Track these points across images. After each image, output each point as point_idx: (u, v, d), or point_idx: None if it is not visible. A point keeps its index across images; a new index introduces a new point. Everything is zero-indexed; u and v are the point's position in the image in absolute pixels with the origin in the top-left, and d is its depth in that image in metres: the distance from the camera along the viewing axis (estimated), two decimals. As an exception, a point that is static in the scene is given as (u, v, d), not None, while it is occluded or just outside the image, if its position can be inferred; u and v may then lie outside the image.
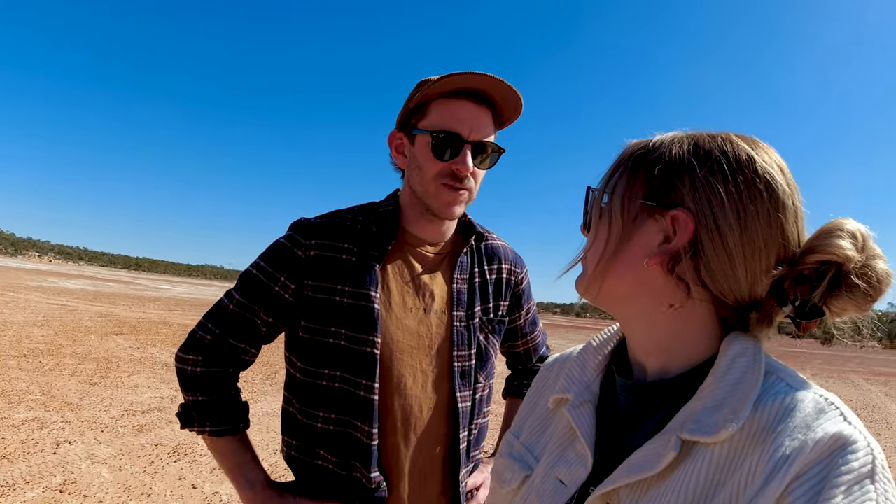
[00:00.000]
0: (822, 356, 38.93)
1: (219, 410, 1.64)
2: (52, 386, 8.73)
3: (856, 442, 0.68)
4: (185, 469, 5.82)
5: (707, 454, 0.75)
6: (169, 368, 11.29)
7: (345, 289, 1.57)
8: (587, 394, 0.96)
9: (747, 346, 0.82)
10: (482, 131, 1.59)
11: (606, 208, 0.90)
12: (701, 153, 0.83)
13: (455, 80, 1.54)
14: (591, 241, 0.92)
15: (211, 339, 1.65)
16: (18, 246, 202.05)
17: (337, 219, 1.65)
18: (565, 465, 0.91)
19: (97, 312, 21.13)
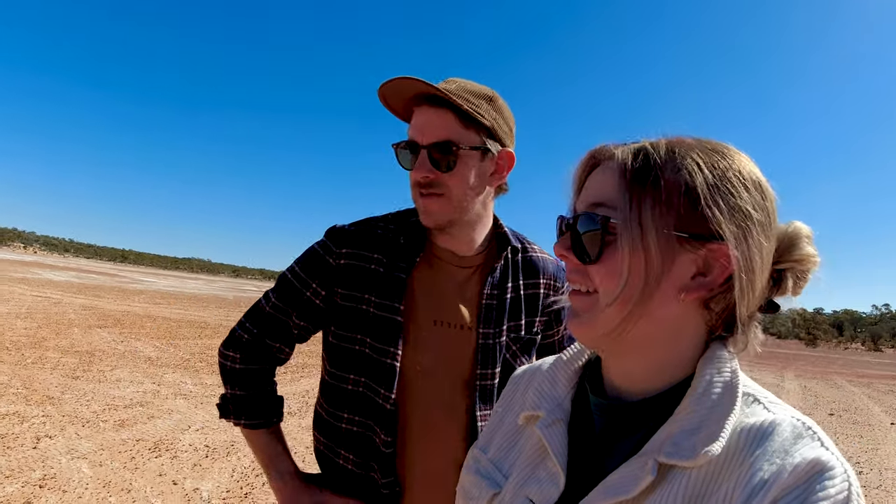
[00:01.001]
0: (806, 357, 39.26)
1: (254, 405, 1.72)
2: (33, 379, 8.67)
3: (833, 468, 0.68)
4: (165, 465, 5.80)
5: (684, 478, 0.75)
6: (152, 362, 11.23)
7: (371, 298, 1.59)
8: (559, 411, 0.94)
9: (723, 365, 0.82)
10: (436, 133, 1.50)
11: (638, 240, 0.79)
12: (722, 175, 0.81)
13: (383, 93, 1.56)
14: (614, 279, 0.81)
15: (249, 337, 1.73)
16: (3, 237, 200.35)
17: (369, 227, 1.67)
18: (536, 485, 0.90)
19: (81, 305, 20.99)
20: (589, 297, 0.85)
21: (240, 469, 5.95)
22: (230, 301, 37.74)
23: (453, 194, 1.53)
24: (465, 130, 1.51)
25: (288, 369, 12.32)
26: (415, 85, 1.49)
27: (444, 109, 1.50)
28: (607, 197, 0.83)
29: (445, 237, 1.63)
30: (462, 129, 1.51)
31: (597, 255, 0.82)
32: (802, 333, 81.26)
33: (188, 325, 19.02)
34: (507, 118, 1.61)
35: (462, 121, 1.51)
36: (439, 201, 1.54)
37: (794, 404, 14.41)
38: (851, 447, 10.36)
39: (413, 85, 1.50)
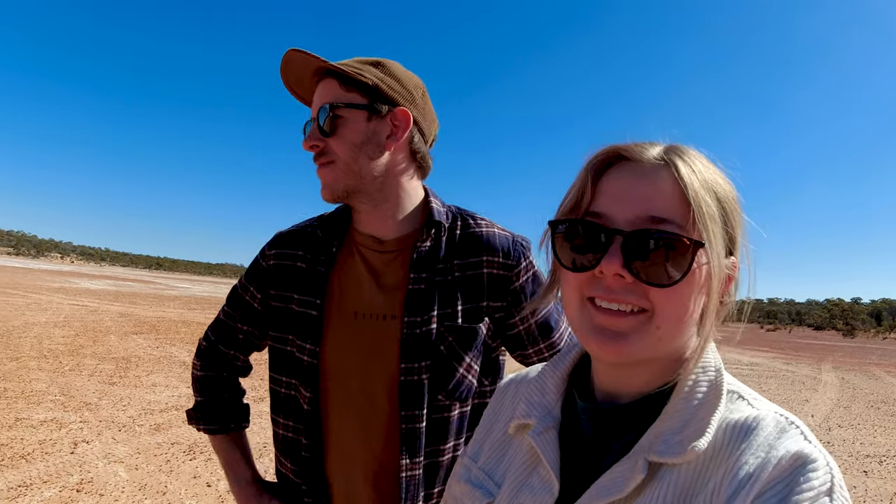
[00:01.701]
0: (843, 348, 38.59)
1: (211, 410, 1.74)
2: (71, 386, 8.85)
3: (816, 460, 0.69)
4: (200, 467, 5.87)
5: (673, 475, 0.76)
6: (186, 367, 11.35)
7: (294, 296, 1.56)
8: (549, 419, 0.93)
9: (708, 364, 0.84)
10: (318, 103, 1.46)
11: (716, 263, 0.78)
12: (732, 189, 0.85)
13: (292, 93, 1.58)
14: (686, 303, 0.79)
15: (206, 345, 1.77)
16: (41, 247, 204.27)
17: (298, 227, 1.65)
18: (530, 492, 0.89)
19: (117, 312, 21.38)
20: (635, 316, 0.79)
21: (272, 470, 5.91)
22: (263, 305, 37.91)
23: (340, 158, 1.45)
24: (346, 93, 1.45)
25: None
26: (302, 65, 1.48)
27: (329, 79, 1.46)
28: (672, 212, 0.79)
29: (363, 219, 1.55)
30: (344, 91, 1.45)
31: (678, 278, 0.77)
32: (840, 324, 79.89)
33: (222, 329, 19.08)
34: (402, 79, 1.52)
35: (343, 85, 1.45)
36: (330, 169, 1.46)
37: (831, 397, 14.34)
38: (890, 439, 10.15)
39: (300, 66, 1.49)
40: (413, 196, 1.56)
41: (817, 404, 13.30)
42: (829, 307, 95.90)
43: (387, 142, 1.47)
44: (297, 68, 1.49)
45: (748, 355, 26.76)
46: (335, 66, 1.43)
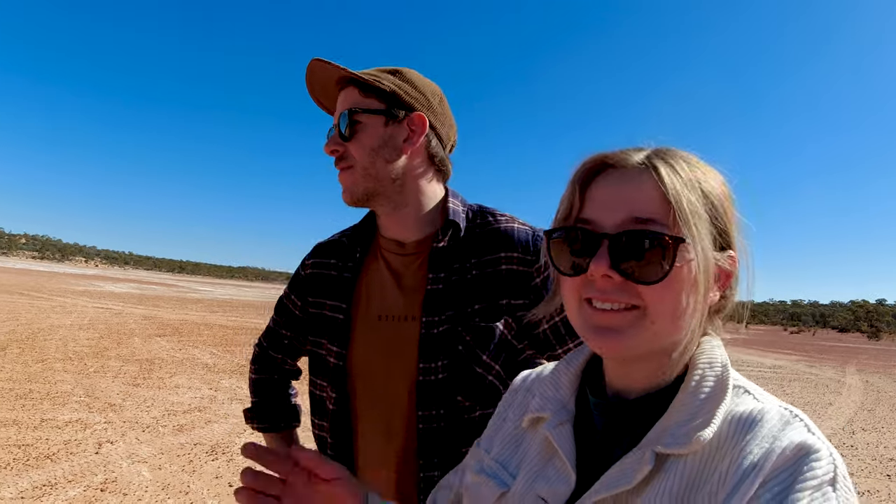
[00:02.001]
0: (868, 351, 38.10)
1: (263, 410, 1.87)
2: (95, 387, 8.97)
3: (819, 451, 0.70)
4: (222, 468, 5.93)
5: (680, 465, 0.78)
6: (209, 369, 11.49)
7: (326, 302, 1.61)
8: (564, 413, 0.96)
9: (715, 360, 0.86)
10: (339, 109, 1.50)
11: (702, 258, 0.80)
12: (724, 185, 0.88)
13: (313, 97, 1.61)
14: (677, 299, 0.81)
15: (259, 350, 1.89)
16: (65, 252, 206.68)
17: (335, 237, 1.72)
18: (546, 482, 0.91)
19: (141, 315, 21.62)
20: (630, 312, 0.83)
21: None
22: (284, 308, 38.08)
23: (358, 162, 1.48)
24: (365, 99, 1.48)
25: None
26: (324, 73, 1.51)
27: (350, 87, 1.50)
28: (655, 212, 0.82)
29: (385, 223, 1.59)
30: (362, 98, 1.49)
31: (663, 275, 0.80)
32: (864, 326, 78.86)
33: (244, 331, 19.38)
34: (419, 86, 1.55)
35: (363, 92, 1.49)
36: (349, 173, 1.50)
37: (855, 400, 14.17)
38: (918, 442, 10.05)
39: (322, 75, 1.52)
40: (432, 198, 1.58)
41: (841, 407, 13.16)
42: (853, 309, 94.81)
43: (403, 145, 1.50)
44: (321, 77, 1.53)
45: (771, 358, 26.55)
46: (354, 74, 1.46)
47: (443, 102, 1.59)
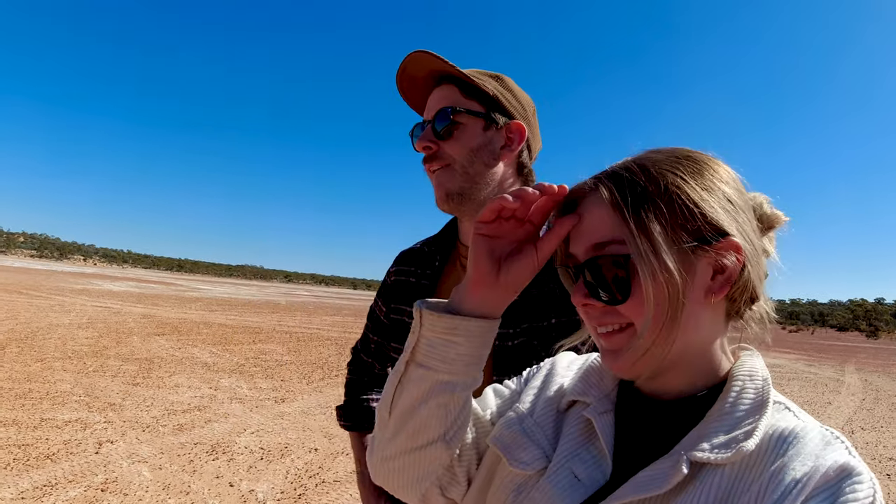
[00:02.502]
0: (867, 350, 38.19)
1: (350, 410, 1.98)
2: (95, 387, 8.95)
3: (861, 474, 0.71)
4: (222, 467, 5.92)
5: (716, 475, 0.77)
6: (209, 368, 11.47)
7: (406, 309, 1.67)
8: (607, 402, 0.96)
9: (756, 373, 0.86)
10: (437, 106, 1.50)
11: (657, 266, 0.80)
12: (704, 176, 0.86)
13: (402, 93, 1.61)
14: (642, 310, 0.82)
15: (353, 354, 2.04)
16: (64, 250, 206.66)
17: (416, 245, 1.77)
18: (581, 463, 0.91)
19: (140, 314, 21.59)
20: (623, 332, 0.86)
21: (293, 471, 6.04)
22: (283, 306, 38.32)
23: (456, 161, 1.48)
24: (466, 100, 1.49)
25: (340, 372, 12.47)
26: (424, 65, 1.50)
27: (449, 84, 1.50)
28: (609, 233, 0.84)
29: (467, 230, 1.59)
30: (464, 98, 1.49)
31: (627, 293, 0.83)
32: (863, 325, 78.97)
33: (243, 330, 19.35)
34: (517, 95, 1.56)
35: (464, 92, 1.49)
36: (447, 172, 1.50)
37: (854, 399, 14.22)
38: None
39: (422, 66, 1.51)
40: None
41: (840, 406, 13.17)
42: (852, 308, 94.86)
43: (501, 152, 1.51)
44: (415, 69, 1.53)
45: (770, 356, 26.55)
46: (461, 73, 1.47)
47: (535, 115, 1.62)
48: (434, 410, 0.93)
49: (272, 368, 12.23)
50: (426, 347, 0.93)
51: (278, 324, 23.48)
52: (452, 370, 0.92)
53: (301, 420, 8.13)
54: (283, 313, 30.53)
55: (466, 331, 0.92)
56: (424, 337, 0.93)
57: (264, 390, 9.87)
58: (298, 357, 14.29)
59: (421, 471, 0.98)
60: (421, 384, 0.93)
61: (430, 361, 0.92)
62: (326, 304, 50.27)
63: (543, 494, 0.90)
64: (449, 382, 0.92)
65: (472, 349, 0.93)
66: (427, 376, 0.92)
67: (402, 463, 0.98)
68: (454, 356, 0.92)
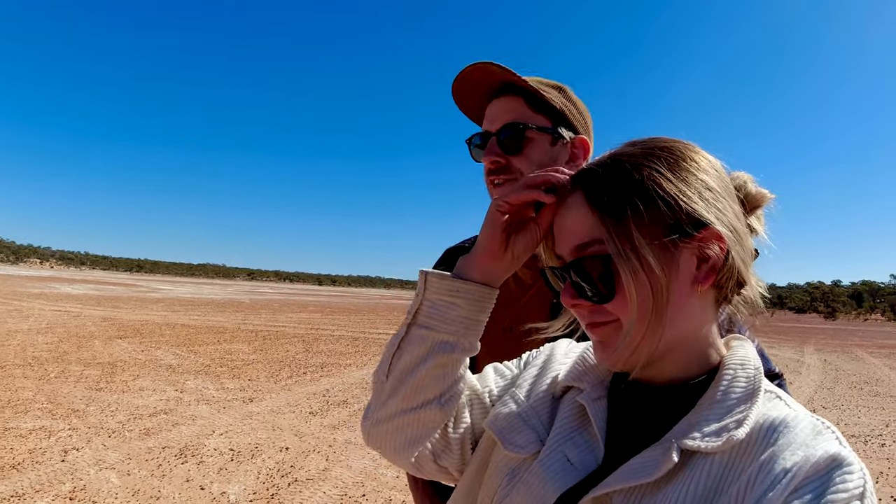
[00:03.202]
0: (825, 331, 39.01)
1: None
2: (58, 393, 8.80)
3: (851, 464, 0.71)
4: (192, 470, 5.87)
5: (706, 464, 0.77)
6: (173, 370, 11.32)
7: None
8: (601, 388, 0.97)
9: (748, 362, 0.87)
10: (505, 118, 1.49)
11: (637, 262, 0.81)
12: (680, 167, 0.86)
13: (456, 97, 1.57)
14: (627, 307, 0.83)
15: None
16: (20, 253, 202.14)
17: (466, 242, 1.73)
18: (574, 447, 0.92)
19: (100, 317, 21.21)
20: (610, 325, 0.87)
21: (265, 471, 6.01)
22: (247, 305, 37.95)
23: (523, 176, 1.42)
24: (534, 114, 1.49)
25: (308, 369, 12.43)
26: (487, 74, 1.49)
27: (514, 97, 1.49)
28: (590, 234, 0.85)
29: None
30: (531, 112, 1.49)
31: (612, 292, 0.84)
32: (821, 307, 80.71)
33: (207, 330, 19.15)
34: (581, 109, 1.57)
35: (531, 106, 1.49)
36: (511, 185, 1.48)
37: (815, 379, 14.55)
38: (874, 419, 10.34)
39: (486, 75, 1.49)
40: None
41: (801, 386, 13.49)
42: (809, 290, 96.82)
43: (565, 166, 1.49)
44: (475, 78, 1.52)
45: (731, 340, 26.89)
46: (529, 87, 1.46)
47: (592, 126, 1.62)
48: (432, 371, 0.98)
49: (239, 368, 12.12)
50: (428, 309, 0.99)
51: (243, 322, 23.27)
52: (452, 330, 0.99)
53: (270, 419, 8.09)
54: (247, 312, 30.22)
55: (468, 293, 0.99)
56: (427, 299, 0.99)
57: (231, 391, 9.79)
58: (265, 356, 14.19)
59: (415, 433, 1.02)
60: (421, 344, 0.98)
61: (431, 322, 0.99)
62: (292, 301, 49.91)
63: (536, 477, 0.91)
64: (448, 342, 0.98)
65: (472, 312, 1.00)
66: (428, 336, 0.98)
67: (396, 424, 1.02)
68: (455, 317, 0.99)
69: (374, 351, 16.54)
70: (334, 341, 18.55)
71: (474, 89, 1.55)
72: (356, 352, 16.21)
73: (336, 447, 7.07)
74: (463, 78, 1.52)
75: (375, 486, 5.84)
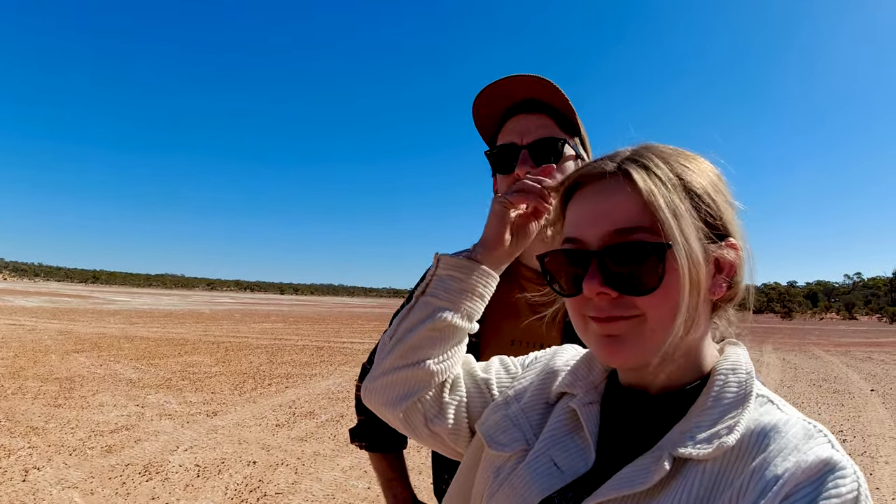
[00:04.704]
0: (782, 330, 39.79)
1: (367, 429, 1.88)
2: (15, 410, 8.59)
3: (844, 468, 0.70)
4: (157, 488, 5.77)
5: (698, 471, 0.77)
6: (133, 385, 11.12)
7: None
8: (594, 394, 0.96)
9: (739, 367, 0.87)
10: (539, 133, 1.50)
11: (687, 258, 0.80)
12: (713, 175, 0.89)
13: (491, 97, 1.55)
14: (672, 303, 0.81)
15: (367, 367, 1.83)
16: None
17: None
18: (563, 452, 0.92)
19: (56, 330, 20.74)
20: (632, 321, 0.83)
21: (233, 486, 5.94)
22: (207, 315, 37.45)
23: None
24: (562, 133, 1.52)
25: (273, 380, 12.29)
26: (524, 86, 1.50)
27: (544, 115, 1.52)
28: (634, 220, 0.82)
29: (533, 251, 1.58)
30: (561, 131, 1.52)
31: (658, 283, 0.81)
32: (777, 307, 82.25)
33: (167, 343, 18.84)
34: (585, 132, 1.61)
35: (560, 125, 1.52)
36: None
37: (774, 377, 14.79)
38: (834, 416, 10.56)
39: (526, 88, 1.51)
40: None
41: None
42: (766, 291, 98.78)
43: None
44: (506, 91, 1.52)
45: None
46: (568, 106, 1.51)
47: None
48: (429, 333, 1.06)
49: (201, 381, 11.96)
50: (436, 282, 1.10)
51: (204, 334, 22.97)
52: (452, 299, 1.08)
53: (236, 433, 7.99)
54: (208, 322, 29.88)
55: (469, 269, 1.09)
56: (437, 275, 1.10)
57: (195, 404, 9.64)
58: (228, 367, 14.02)
59: (405, 389, 1.08)
60: (424, 309, 1.08)
61: (435, 291, 1.09)
62: (254, 310, 49.40)
63: (521, 479, 0.92)
64: (446, 308, 1.07)
65: (471, 286, 1.09)
66: (430, 303, 1.08)
67: (391, 379, 1.08)
68: (456, 288, 1.08)
69: (340, 360, 16.44)
70: (298, 351, 18.40)
71: (500, 103, 1.56)
72: (321, 361, 16.09)
73: (304, 459, 7.01)
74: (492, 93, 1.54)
75: (346, 497, 5.80)
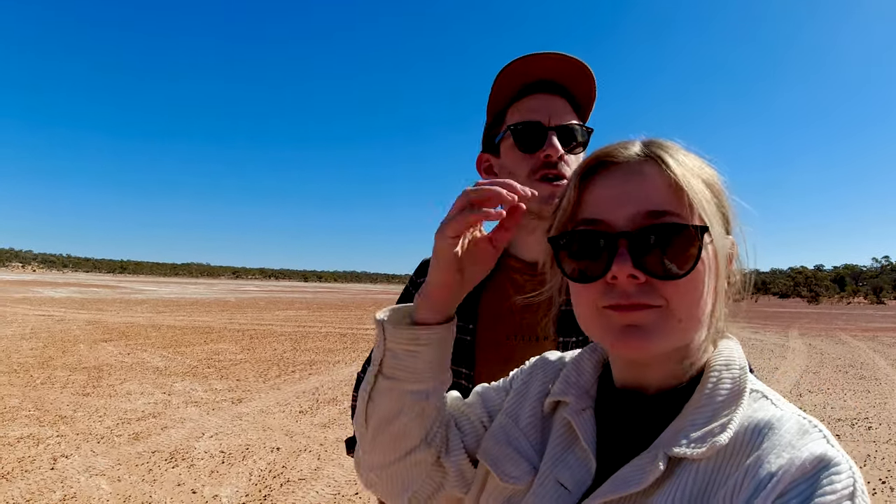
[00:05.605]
0: (809, 315, 39.29)
1: None
2: (44, 400, 8.74)
3: (839, 464, 0.69)
4: (183, 474, 5.86)
5: (693, 470, 0.77)
6: (160, 373, 11.27)
7: None
8: (587, 399, 0.95)
9: (733, 363, 0.86)
10: (562, 117, 1.47)
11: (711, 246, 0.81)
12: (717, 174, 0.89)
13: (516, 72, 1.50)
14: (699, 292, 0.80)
15: (359, 378, 1.77)
16: (1, 258, 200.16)
17: None
18: (567, 469, 0.90)
19: (85, 320, 21.07)
20: (654, 310, 0.80)
21: (257, 472, 6.01)
22: (233, 304, 37.84)
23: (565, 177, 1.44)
24: (583, 126, 1.51)
25: (296, 368, 12.39)
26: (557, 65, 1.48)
27: (564, 99, 1.50)
28: (666, 204, 0.81)
29: (518, 243, 1.56)
30: (580, 120, 1.51)
31: (690, 267, 0.79)
32: (804, 291, 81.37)
33: (193, 331, 19.07)
34: None
35: (578, 114, 1.51)
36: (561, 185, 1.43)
37: (800, 363, 14.67)
38: (860, 402, 10.44)
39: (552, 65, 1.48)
40: None
41: (787, 371, 13.61)
42: (793, 275, 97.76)
43: None
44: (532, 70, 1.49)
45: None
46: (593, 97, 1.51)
47: None
48: (411, 420, 0.96)
49: (226, 368, 12.08)
50: (391, 360, 0.95)
51: (229, 322, 23.18)
52: (419, 378, 0.95)
53: (260, 420, 8.07)
54: (233, 311, 30.15)
55: (428, 339, 0.95)
56: (389, 349, 0.95)
57: (220, 391, 9.75)
58: (253, 355, 14.16)
59: (408, 478, 1.01)
60: (391, 395, 0.96)
61: (396, 373, 0.95)
62: (278, 298, 49.82)
63: None
64: (419, 391, 0.96)
65: (436, 355, 0.96)
66: (396, 387, 0.95)
67: (389, 473, 1.01)
68: (419, 366, 0.95)
69: (363, 347, 16.52)
70: (322, 338, 18.53)
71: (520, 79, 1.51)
72: (345, 348, 16.19)
73: (327, 446, 7.06)
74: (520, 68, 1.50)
75: (368, 484, 5.79)
